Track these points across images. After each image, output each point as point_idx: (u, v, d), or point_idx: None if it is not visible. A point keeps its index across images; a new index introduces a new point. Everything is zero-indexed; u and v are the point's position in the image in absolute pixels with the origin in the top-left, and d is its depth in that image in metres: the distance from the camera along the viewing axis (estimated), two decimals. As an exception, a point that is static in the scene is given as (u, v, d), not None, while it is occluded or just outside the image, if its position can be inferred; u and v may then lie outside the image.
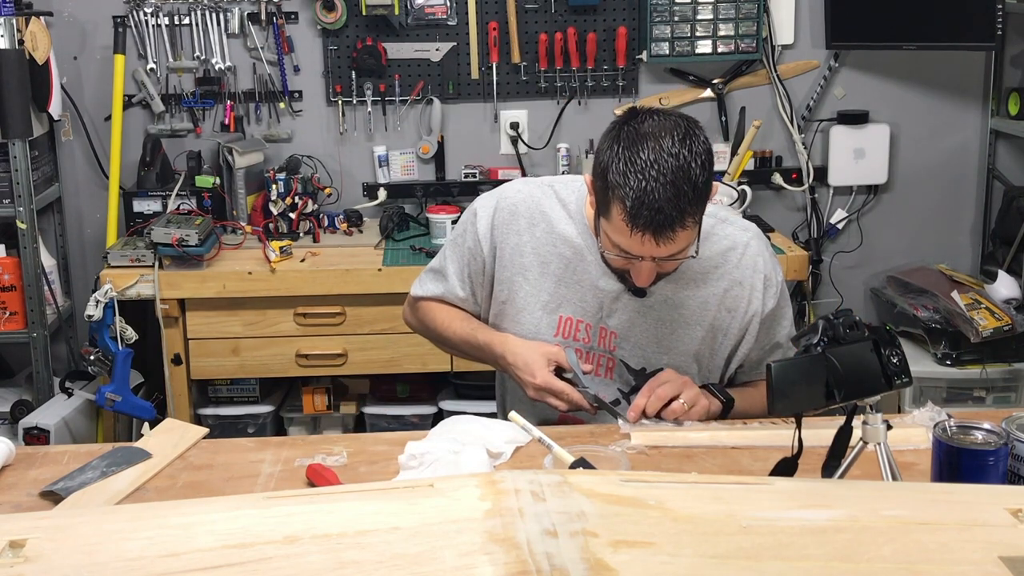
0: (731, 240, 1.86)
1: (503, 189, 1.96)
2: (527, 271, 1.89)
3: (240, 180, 3.36)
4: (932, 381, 3.24)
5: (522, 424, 1.61)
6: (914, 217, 3.70)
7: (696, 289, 1.85)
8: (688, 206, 1.61)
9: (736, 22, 3.43)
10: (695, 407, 1.77)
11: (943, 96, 3.63)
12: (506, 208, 1.91)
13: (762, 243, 1.90)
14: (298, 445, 1.73)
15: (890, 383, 1.34)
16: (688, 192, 1.60)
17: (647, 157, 1.60)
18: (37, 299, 3.15)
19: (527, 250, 1.89)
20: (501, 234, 1.90)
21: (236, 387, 3.28)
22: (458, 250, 1.97)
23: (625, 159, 1.62)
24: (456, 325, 1.98)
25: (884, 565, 1.02)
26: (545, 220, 1.88)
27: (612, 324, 1.86)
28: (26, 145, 3.09)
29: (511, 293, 1.91)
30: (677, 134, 1.62)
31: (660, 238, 1.62)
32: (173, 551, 1.04)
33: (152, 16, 3.38)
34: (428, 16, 3.42)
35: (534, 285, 1.89)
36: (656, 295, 1.84)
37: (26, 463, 1.65)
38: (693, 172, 1.60)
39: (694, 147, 1.62)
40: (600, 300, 1.86)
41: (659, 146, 1.60)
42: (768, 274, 1.87)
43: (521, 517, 1.06)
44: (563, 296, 1.87)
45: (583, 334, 1.88)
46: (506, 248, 1.90)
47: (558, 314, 1.88)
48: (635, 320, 1.85)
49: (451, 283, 1.98)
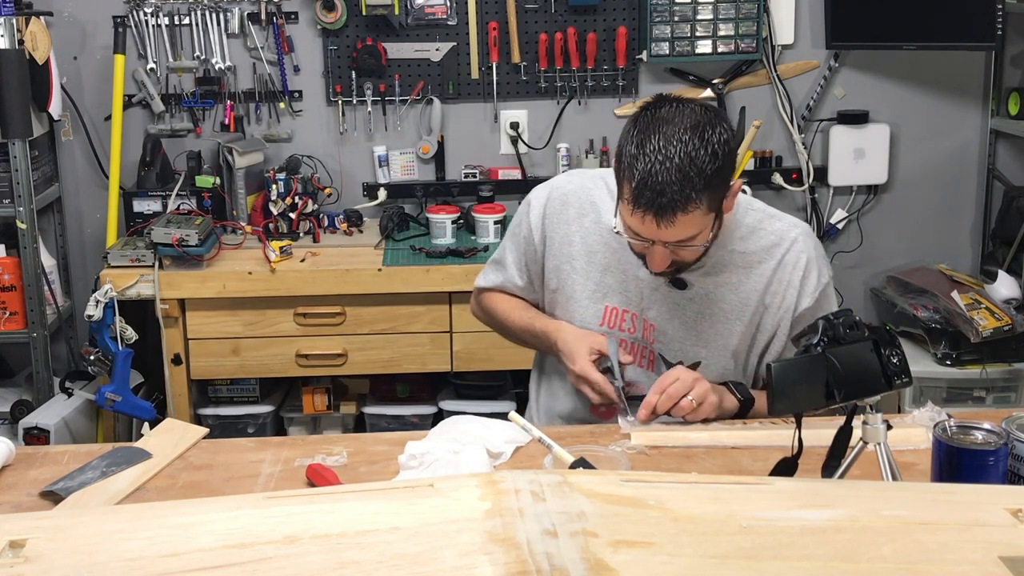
0: (778, 236, 1.85)
1: (556, 180, 2.01)
2: (574, 260, 1.91)
3: (240, 180, 3.36)
4: (932, 381, 3.23)
5: (522, 424, 1.61)
6: (914, 217, 3.70)
7: (738, 283, 1.84)
8: (692, 192, 1.61)
9: (736, 22, 3.43)
10: (704, 404, 1.76)
11: (943, 96, 3.63)
12: (557, 198, 1.95)
13: (810, 241, 1.88)
14: (298, 445, 1.73)
15: (890, 383, 1.34)
16: (694, 178, 1.61)
17: (656, 142, 1.62)
18: (37, 299, 3.15)
19: (576, 239, 1.91)
20: (552, 223, 1.94)
21: (236, 387, 3.28)
22: (515, 240, 2.02)
23: (637, 142, 1.64)
24: (515, 315, 2.03)
25: (884, 565, 1.02)
26: (594, 210, 1.90)
27: (651, 316, 1.87)
28: (26, 145, 3.09)
29: (560, 282, 1.94)
30: (691, 121, 1.64)
31: (661, 220, 1.63)
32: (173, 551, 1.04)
33: (152, 16, 3.38)
34: (428, 16, 3.42)
35: (581, 274, 1.91)
36: (696, 288, 1.84)
37: (26, 463, 1.65)
38: (701, 159, 1.61)
39: (708, 136, 1.63)
40: (641, 290, 1.87)
41: (671, 132, 1.63)
42: (808, 272, 1.85)
43: (521, 517, 1.06)
44: (609, 286, 1.89)
45: (628, 324, 1.89)
46: (556, 237, 1.93)
47: (604, 303, 1.90)
48: (674, 312, 1.86)
49: (510, 272, 2.03)
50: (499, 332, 2.13)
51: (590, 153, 3.53)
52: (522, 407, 2.14)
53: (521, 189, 3.51)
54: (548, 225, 1.94)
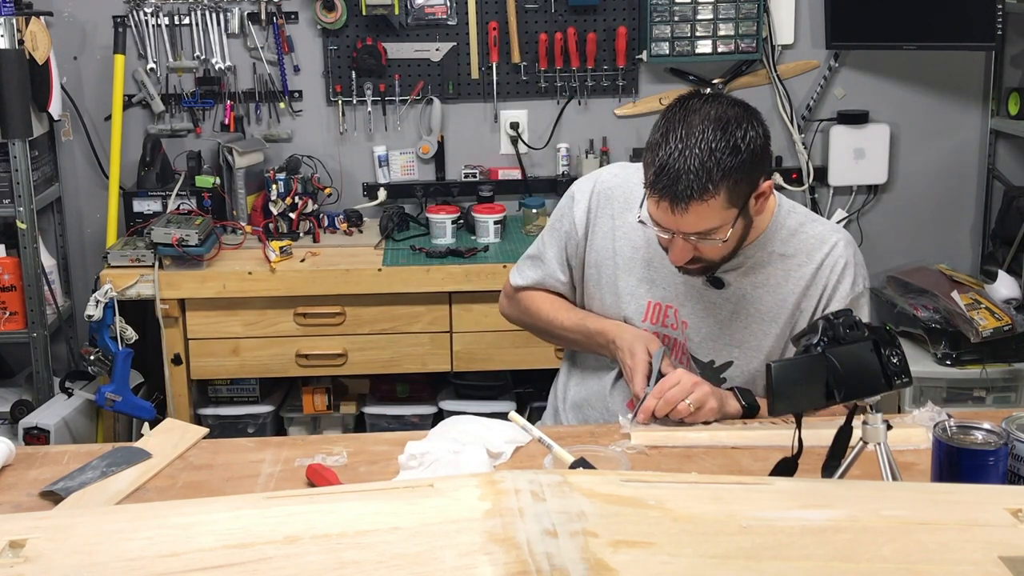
0: (819, 239, 1.84)
1: (600, 173, 1.99)
2: (618, 256, 1.90)
3: (240, 180, 3.36)
4: (932, 381, 3.23)
5: (522, 424, 1.61)
6: (914, 217, 3.70)
7: (776, 285, 1.84)
8: (710, 183, 1.60)
9: (736, 22, 3.43)
10: (703, 409, 1.75)
11: (943, 96, 3.63)
12: (602, 192, 1.94)
13: (851, 248, 1.86)
14: (298, 445, 1.73)
15: (890, 383, 1.34)
16: (712, 169, 1.60)
17: (680, 132, 1.63)
18: (37, 299, 3.15)
19: (619, 234, 1.90)
20: (595, 217, 1.93)
21: (236, 387, 3.28)
22: (556, 234, 1.99)
23: (663, 131, 1.65)
24: (563, 315, 1.99)
25: (884, 565, 1.02)
26: (636, 203, 1.87)
27: (684, 314, 1.87)
28: (26, 145, 3.09)
29: (602, 276, 1.93)
30: (720, 117, 1.63)
31: (675, 207, 1.63)
32: (173, 551, 1.04)
33: (152, 16, 3.38)
34: (428, 16, 3.42)
35: (624, 270, 1.90)
36: (734, 288, 1.84)
37: (26, 463, 1.65)
38: (722, 152, 1.61)
39: (733, 131, 1.62)
40: (677, 286, 1.86)
41: (696, 122, 1.63)
42: (843, 276, 1.83)
43: (521, 517, 1.06)
44: (652, 280, 1.88)
45: (671, 319, 1.88)
46: (599, 231, 1.93)
47: (647, 299, 1.89)
48: (708, 310, 1.85)
49: (551, 267, 2.00)
50: (536, 332, 2.10)
51: (590, 153, 3.53)
52: (522, 407, 2.15)
53: (521, 189, 3.52)
54: (592, 219, 1.93)
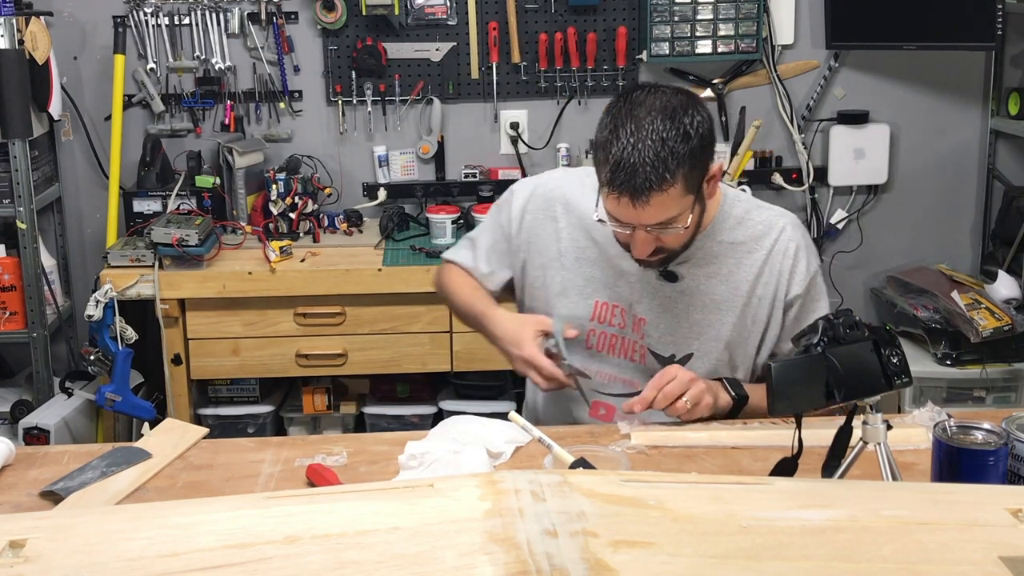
0: (766, 225, 1.86)
1: (541, 177, 2.02)
2: (563, 257, 1.92)
3: (240, 180, 3.36)
4: (932, 381, 3.23)
5: (522, 424, 1.61)
6: (914, 217, 3.70)
7: (728, 274, 1.85)
8: (666, 172, 1.62)
9: (736, 22, 3.43)
10: (699, 405, 1.76)
11: (943, 96, 3.63)
12: (542, 195, 1.96)
13: (798, 230, 1.89)
14: (298, 445, 1.73)
15: (890, 383, 1.34)
16: (667, 158, 1.62)
17: (629, 126, 1.64)
18: (37, 299, 3.15)
19: (563, 236, 1.92)
20: (536, 220, 1.95)
21: (236, 387, 3.28)
22: (492, 226, 2.03)
23: (611, 128, 1.66)
24: (464, 292, 2.03)
25: (884, 565, 1.02)
26: (579, 208, 1.91)
27: (641, 310, 1.87)
28: (26, 145, 3.09)
29: (547, 279, 1.93)
30: (666, 107, 1.65)
31: (636, 201, 1.64)
32: (173, 551, 1.04)
33: (152, 16, 3.38)
34: (428, 16, 3.42)
35: (570, 271, 1.91)
36: (687, 280, 1.85)
37: (26, 463, 1.65)
38: (673, 140, 1.63)
39: (680, 119, 1.64)
40: (631, 284, 1.87)
41: (643, 115, 1.64)
42: (798, 260, 1.86)
43: (521, 517, 1.06)
44: (598, 280, 1.89)
45: (618, 319, 1.89)
46: (542, 234, 1.94)
47: (594, 299, 1.90)
48: (665, 305, 1.86)
49: (478, 255, 2.04)
50: (449, 308, 2.15)
51: (590, 153, 3.53)
52: (522, 407, 2.14)
53: (521, 189, 3.51)
54: (532, 221, 1.95)
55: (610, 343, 1.90)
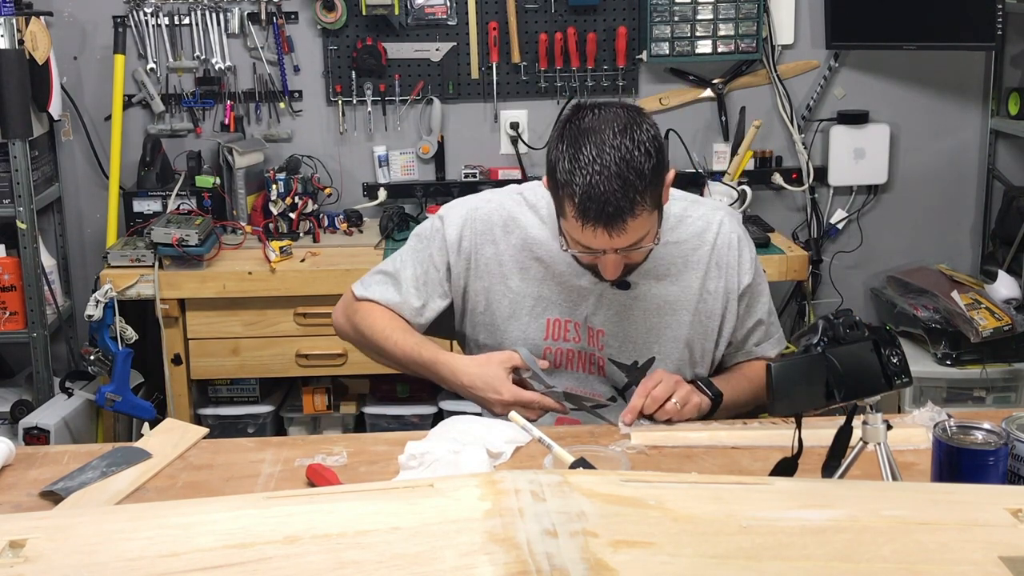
0: (704, 221, 1.88)
1: (470, 200, 1.94)
2: (508, 279, 1.88)
3: (240, 180, 3.36)
4: (932, 381, 3.23)
5: (522, 424, 1.61)
6: (914, 217, 3.70)
7: (677, 274, 1.86)
8: (636, 195, 1.61)
9: (736, 22, 3.43)
10: (687, 406, 1.78)
11: (943, 96, 3.63)
12: (479, 218, 1.89)
13: (734, 220, 1.92)
14: (298, 445, 1.73)
15: (890, 383, 1.34)
16: (635, 181, 1.60)
17: (589, 153, 1.61)
18: (37, 299, 3.15)
19: (505, 258, 1.88)
20: (475, 244, 1.89)
21: (236, 387, 3.28)
22: (419, 257, 1.92)
23: (569, 156, 1.63)
24: (398, 336, 1.89)
25: (884, 565, 1.02)
26: (519, 226, 1.88)
27: (597, 323, 1.86)
28: (26, 145, 3.09)
29: (491, 303, 1.90)
30: (617, 125, 1.63)
31: (612, 230, 1.62)
32: (173, 551, 1.04)
33: (152, 16, 3.38)
34: (428, 16, 3.42)
35: (517, 292, 1.88)
36: (640, 286, 1.85)
37: (26, 463, 1.65)
38: (637, 161, 1.61)
39: (636, 135, 1.62)
40: (585, 299, 1.86)
41: (601, 140, 1.61)
42: (741, 250, 1.89)
43: (521, 517, 1.06)
44: (548, 298, 1.87)
45: (572, 333, 1.88)
46: (482, 258, 1.89)
47: (545, 317, 1.88)
48: (621, 314, 1.86)
49: (405, 289, 1.92)
50: (366, 349, 1.98)
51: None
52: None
53: (521, 189, 3.51)
54: (470, 246, 1.89)
55: (567, 358, 1.89)
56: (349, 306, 1.99)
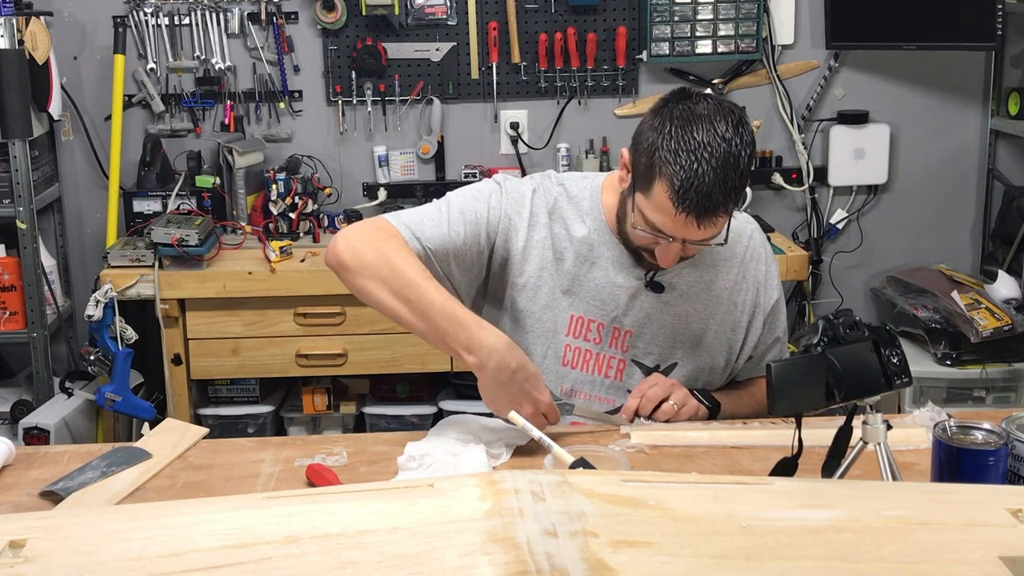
0: (736, 232, 1.84)
1: (535, 179, 1.87)
2: (547, 264, 1.84)
3: (240, 180, 3.36)
4: (932, 381, 3.23)
5: (522, 424, 1.61)
6: (914, 217, 3.70)
7: (710, 281, 1.85)
8: (732, 192, 1.61)
9: (736, 22, 3.43)
10: (684, 407, 1.78)
11: (943, 96, 3.63)
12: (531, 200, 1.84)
13: (761, 235, 1.93)
14: (298, 445, 1.73)
15: (890, 383, 1.34)
16: (734, 179, 1.60)
17: (701, 139, 1.59)
18: (37, 299, 3.15)
19: (548, 244, 1.85)
20: (528, 223, 1.82)
21: (236, 387, 3.28)
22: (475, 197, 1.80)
23: (678, 138, 1.60)
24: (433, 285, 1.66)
25: (884, 565, 1.02)
26: (562, 217, 1.85)
27: (627, 323, 1.85)
28: (26, 145, 3.09)
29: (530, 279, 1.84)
30: (731, 120, 1.62)
31: (703, 221, 1.62)
32: (173, 551, 1.04)
33: (152, 16, 3.38)
34: (428, 16, 3.42)
35: (548, 282, 1.85)
36: (674, 290, 1.84)
37: (26, 463, 1.65)
38: (742, 160, 1.61)
39: (744, 136, 1.62)
40: (617, 298, 1.83)
41: (713, 129, 1.60)
42: (769, 266, 1.89)
43: (521, 517, 1.07)
44: (576, 294, 1.85)
45: (594, 334, 1.86)
46: (535, 236, 1.83)
47: (569, 313, 1.86)
48: (652, 316, 1.84)
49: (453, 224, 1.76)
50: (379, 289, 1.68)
51: (590, 153, 3.53)
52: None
53: (521, 189, 3.51)
54: (535, 208, 1.82)
55: (584, 358, 1.87)
56: (377, 234, 1.71)
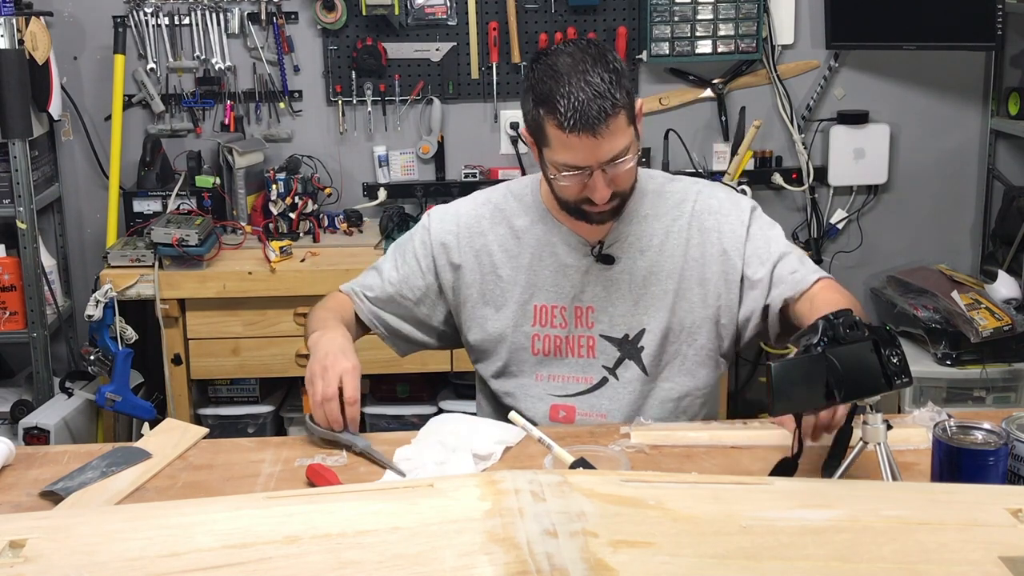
0: (682, 193, 1.91)
1: (458, 202, 2.01)
2: (498, 269, 1.92)
3: (240, 180, 3.36)
4: (932, 381, 3.23)
5: (522, 424, 1.61)
6: (914, 217, 3.70)
7: (660, 246, 1.88)
8: (608, 93, 1.67)
9: (736, 22, 3.43)
10: None
11: (943, 96, 3.63)
12: (466, 214, 1.96)
13: (714, 187, 1.95)
14: (298, 445, 1.73)
15: (890, 383, 1.34)
16: (609, 88, 1.67)
17: (561, 70, 1.69)
18: (37, 299, 3.15)
19: (494, 248, 1.92)
20: (465, 240, 1.94)
21: (236, 387, 3.28)
22: (401, 250, 2.01)
23: (544, 83, 1.70)
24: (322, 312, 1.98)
25: (884, 565, 1.02)
26: (504, 217, 1.93)
27: (587, 299, 1.89)
28: (26, 145, 3.09)
29: (485, 294, 1.93)
30: (581, 43, 1.74)
31: (597, 132, 1.67)
32: (173, 551, 1.04)
33: (152, 16, 3.38)
34: (428, 16, 3.42)
35: (507, 280, 1.91)
36: (624, 260, 1.87)
37: (26, 463, 1.65)
38: (611, 77, 1.68)
39: (608, 58, 1.71)
40: (571, 279, 1.89)
41: (568, 58, 1.71)
42: (725, 211, 1.89)
43: (521, 517, 1.07)
44: (535, 284, 1.90)
45: (559, 319, 1.90)
46: (471, 253, 1.93)
47: (532, 304, 1.90)
48: (609, 289, 1.88)
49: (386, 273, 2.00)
50: None
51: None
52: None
53: (521, 189, 3.51)
54: (458, 243, 1.93)
55: (555, 345, 1.90)
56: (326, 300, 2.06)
